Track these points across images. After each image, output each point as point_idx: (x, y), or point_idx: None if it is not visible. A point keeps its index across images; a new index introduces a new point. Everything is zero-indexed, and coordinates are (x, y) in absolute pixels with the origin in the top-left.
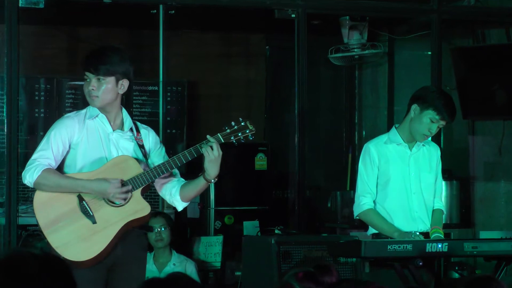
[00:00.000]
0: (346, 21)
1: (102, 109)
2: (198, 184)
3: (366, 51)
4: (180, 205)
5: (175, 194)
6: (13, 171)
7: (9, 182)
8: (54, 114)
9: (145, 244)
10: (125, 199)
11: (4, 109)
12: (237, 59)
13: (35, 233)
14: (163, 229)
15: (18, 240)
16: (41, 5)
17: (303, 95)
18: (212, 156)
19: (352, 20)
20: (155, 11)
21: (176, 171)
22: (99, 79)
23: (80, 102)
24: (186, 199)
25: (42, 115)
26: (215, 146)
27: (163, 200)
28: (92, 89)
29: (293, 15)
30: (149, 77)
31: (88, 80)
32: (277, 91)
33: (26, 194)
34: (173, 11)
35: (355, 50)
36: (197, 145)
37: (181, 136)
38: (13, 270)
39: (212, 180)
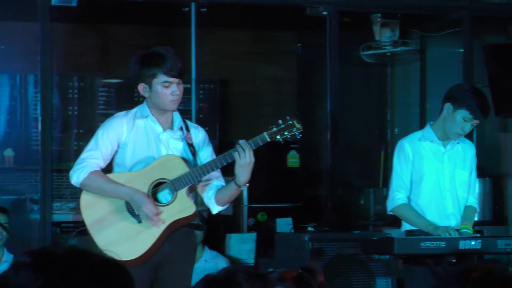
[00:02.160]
0: (377, 19)
1: (164, 111)
2: (230, 190)
3: (398, 49)
4: (214, 209)
5: (211, 197)
6: (47, 168)
7: (44, 179)
8: (87, 111)
9: (195, 243)
10: (156, 225)
11: (38, 107)
12: (269, 57)
13: (69, 230)
14: None
15: (53, 236)
16: (74, 3)
17: (335, 92)
18: (243, 162)
19: (383, 18)
20: (187, 9)
21: (216, 173)
22: (179, 83)
23: (113, 100)
24: (221, 203)
25: (75, 112)
26: (248, 152)
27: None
28: (178, 94)
29: (324, 13)
30: None
31: (167, 85)
32: (309, 89)
33: (60, 192)
34: (205, 9)
35: (387, 47)
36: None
37: (213, 133)
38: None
39: (242, 186)
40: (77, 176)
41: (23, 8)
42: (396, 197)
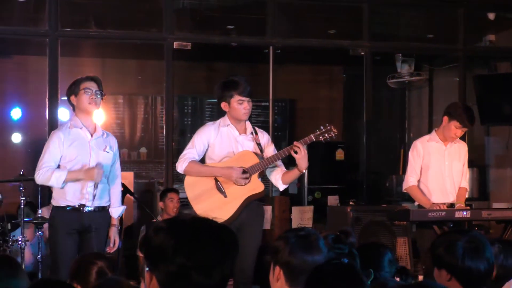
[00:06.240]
0: (399, 57)
1: (239, 120)
2: (293, 174)
3: (413, 78)
4: (281, 187)
5: (278, 179)
6: (169, 161)
7: (167, 168)
8: (197, 122)
9: (263, 212)
10: (244, 182)
11: (163, 119)
12: (323, 84)
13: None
14: None
15: None
16: (189, 47)
17: (369, 108)
18: (300, 155)
19: (403, 56)
20: (267, 50)
21: (280, 163)
22: (249, 101)
23: (215, 113)
24: (286, 183)
25: (189, 122)
26: (302, 148)
27: None
28: (249, 109)
29: (362, 53)
30: (262, 97)
31: (241, 102)
32: (351, 106)
33: (178, 177)
34: (279, 50)
35: (405, 77)
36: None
37: (284, 137)
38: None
39: (303, 171)
40: (181, 165)
41: (154, 51)
42: (409, 180)
